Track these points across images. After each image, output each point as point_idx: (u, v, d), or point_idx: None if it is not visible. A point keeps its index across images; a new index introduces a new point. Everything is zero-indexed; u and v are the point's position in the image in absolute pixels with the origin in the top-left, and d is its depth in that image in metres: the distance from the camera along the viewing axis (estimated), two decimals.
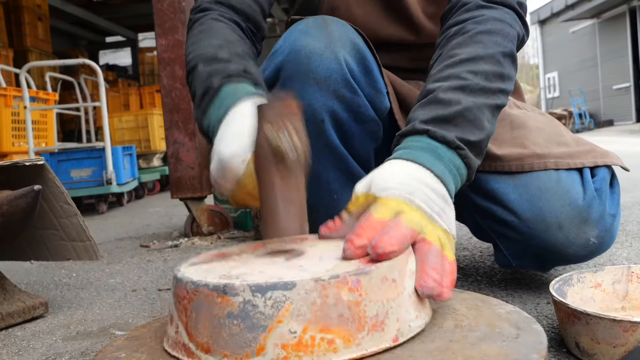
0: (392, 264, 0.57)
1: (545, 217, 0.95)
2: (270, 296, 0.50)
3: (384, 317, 0.54)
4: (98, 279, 1.58)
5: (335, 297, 0.51)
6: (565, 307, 0.75)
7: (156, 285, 1.43)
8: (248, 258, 0.65)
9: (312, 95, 0.88)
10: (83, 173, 3.69)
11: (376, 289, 0.53)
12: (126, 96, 6.19)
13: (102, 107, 3.57)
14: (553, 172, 0.96)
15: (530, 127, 1.02)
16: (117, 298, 1.34)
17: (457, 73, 0.78)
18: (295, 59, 0.88)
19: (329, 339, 0.50)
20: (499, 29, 0.85)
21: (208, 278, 0.55)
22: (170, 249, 2.02)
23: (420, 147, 0.71)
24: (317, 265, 0.57)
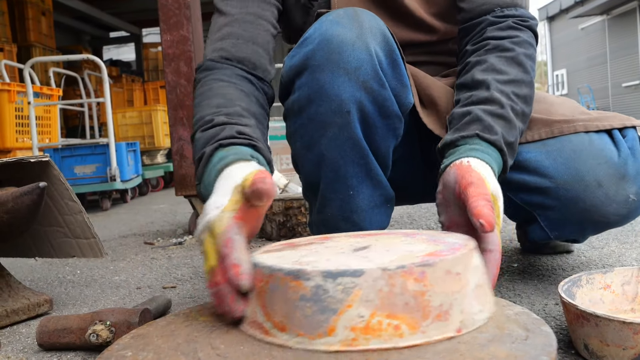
0: (457, 258, 0.59)
1: (583, 177, 0.96)
2: (340, 282, 0.54)
3: (448, 307, 0.57)
4: (102, 276, 1.58)
5: (401, 286, 0.55)
6: (574, 309, 0.75)
7: (161, 283, 1.44)
8: (317, 248, 0.69)
9: (341, 85, 0.87)
10: (87, 169, 3.70)
11: (440, 281, 0.57)
12: (130, 92, 6.21)
13: (105, 103, 3.58)
14: (584, 134, 0.97)
15: (552, 101, 1.05)
16: (121, 295, 1.34)
17: (507, 92, 0.92)
18: (326, 47, 0.87)
19: (395, 325, 0.54)
20: (532, 54, 0.98)
21: (282, 263, 0.60)
22: (174, 246, 2.03)
23: (483, 151, 0.86)
24: (383, 256, 0.60)
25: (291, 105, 0.94)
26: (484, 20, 1.01)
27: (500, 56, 0.96)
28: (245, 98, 0.95)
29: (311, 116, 0.91)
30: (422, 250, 0.63)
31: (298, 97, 0.91)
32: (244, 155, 0.80)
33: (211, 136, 0.85)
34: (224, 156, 0.81)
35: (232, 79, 0.97)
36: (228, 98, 0.93)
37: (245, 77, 0.99)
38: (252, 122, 0.90)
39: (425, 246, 0.65)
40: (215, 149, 0.83)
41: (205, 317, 0.77)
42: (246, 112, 0.92)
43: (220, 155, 0.81)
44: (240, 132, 0.85)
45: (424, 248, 0.64)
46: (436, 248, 0.63)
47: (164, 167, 5.03)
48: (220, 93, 0.94)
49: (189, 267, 1.61)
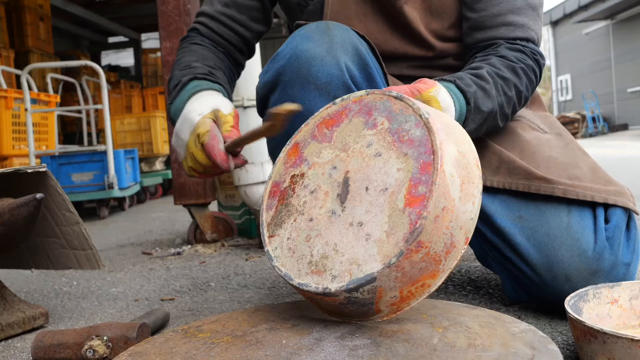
0: (437, 189, 0.65)
1: (552, 267, 0.95)
2: (362, 290, 0.66)
3: (450, 240, 0.66)
4: (99, 288, 1.58)
5: (409, 265, 0.65)
6: (581, 325, 0.74)
7: (159, 295, 1.43)
8: (308, 205, 0.77)
9: (312, 100, 0.89)
10: (84, 177, 3.70)
11: (433, 232, 0.64)
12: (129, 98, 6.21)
13: (104, 109, 3.59)
14: (564, 212, 0.96)
15: (542, 156, 1.03)
16: (118, 308, 1.34)
17: (496, 81, 0.98)
18: (296, 63, 0.90)
19: (421, 284, 0.67)
20: (531, 78, 1.03)
21: (302, 276, 0.72)
22: (172, 257, 2.03)
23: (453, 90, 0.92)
24: (374, 221, 0.68)
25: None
26: (497, 43, 1.05)
27: (502, 62, 1.00)
28: (218, 60, 1.12)
29: (287, 132, 0.92)
30: (400, 179, 0.68)
31: None
32: (214, 87, 1.00)
33: (188, 72, 1.04)
34: (198, 84, 1.00)
35: (209, 45, 1.15)
36: (204, 57, 1.10)
37: (218, 49, 1.16)
38: (221, 74, 1.08)
39: (396, 163, 0.69)
40: (190, 78, 1.02)
41: (205, 333, 0.76)
42: (218, 67, 1.10)
43: (195, 83, 1.01)
44: (212, 73, 1.05)
45: (398, 173, 0.68)
46: (408, 166, 0.68)
47: (162, 175, 5.03)
48: (199, 52, 1.11)
49: (188, 279, 1.61)
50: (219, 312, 1.22)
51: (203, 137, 0.89)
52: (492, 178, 1.02)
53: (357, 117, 0.75)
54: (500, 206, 1.02)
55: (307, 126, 0.81)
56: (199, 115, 0.92)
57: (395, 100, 0.73)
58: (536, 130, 1.09)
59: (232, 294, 1.38)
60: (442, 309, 0.78)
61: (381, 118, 0.73)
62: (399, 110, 0.72)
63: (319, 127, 0.79)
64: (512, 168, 1.01)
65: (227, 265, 1.76)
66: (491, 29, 1.04)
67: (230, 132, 0.90)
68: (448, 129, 0.69)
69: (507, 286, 1.06)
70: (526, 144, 1.05)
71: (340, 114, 0.77)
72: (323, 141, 0.77)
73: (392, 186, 0.68)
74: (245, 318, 0.81)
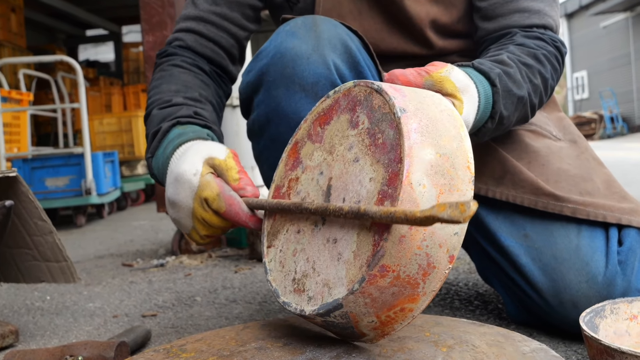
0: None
1: (559, 292, 0.95)
2: (333, 315, 0.65)
3: (426, 261, 0.62)
4: (75, 303, 1.57)
5: (377, 290, 0.62)
6: (598, 344, 0.74)
7: (140, 311, 1.43)
8: (296, 227, 0.75)
9: (298, 102, 0.89)
10: (59, 182, 3.69)
11: (399, 255, 0.60)
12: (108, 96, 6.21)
13: (81, 109, 3.58)
14: (573, 233, 0.96)
15: (552, 168, 1.02)
16: (96, 325, 1.33)
17: (520, 68, 0.93)
18: (280, 62, 0.89)
19: (400, 309, 0.64)
20: (555, 65, 0.99)
21: (287, 294, 0.72)
22: (155, 268, 2.02)
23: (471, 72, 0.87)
24: (345, 239, 0.66)
25: (252, 125, 0.98)
26: (512, 32, 1.02)
27: (522, 49, 0.97)
28: (203, 86, 1.03)
29: (272, 137, 0.93)
30: (371, 191, 0.64)
31: (257, 116, 0.95)
32: (202, 134, 0.89)
33: (169, 114, 0.93)
34: (182, 132, 0.89)
35: (192, 68, 1.05)
36: (187, 85, 1.01)
37: (203, 69, 1.07)
38: (209, 108, 0.99)
39: (370, 171, 0.65)
40: (172, 125, 0.91)
41: (189, 352, 0.76)
42: (204, 98, 1.00)
43: (178, 131, 0.89)
44: (198, 114, 0.94)
45: (370, 183, 0.65)
46: (378, 176, 0.64)
47: (145, 179, 5.02)
48: (180, 79, 1.02)
49: (172, 293, 1.60)
50: (204, 330, 1.22)
51: (214, 203, 0.81)
52: (494, 189, 1.02)
53: (344, 114, 0.72)
54: (505, 222, 1.02)
55: (305, 123, 0.79)
56: (194, 175, 0.81)
57: (376, 94, 0.68)
58: (547, 137, 1.09)
59: (219, 310, 1.38)
60: (446, 326, 0.78)
61: (363, 116, 0.69)
62: (378, 106, 0.67)
63: (314, 125, 0.77)
64: (518, 180, 1.01)
65: (214, 278, 1.76)
66: (503, 17, 1.03)
67: (240, 181, 0.82)
68: (430, 126, 0.63)
69: (511, 307, 1.06)
70: (535, 155, 1.04)
71: (331, 110, 0.75)
72: (315, 141, 0.76)
73: (363, 199, 0.65)
74: (233, 336, 0.80)
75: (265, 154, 0.98)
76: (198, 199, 0.81)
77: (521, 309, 1.04)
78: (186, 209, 0.83)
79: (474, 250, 1.11)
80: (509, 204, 1.03)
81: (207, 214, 0.82)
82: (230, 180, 0.82)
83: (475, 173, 1.05)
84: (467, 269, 1.61)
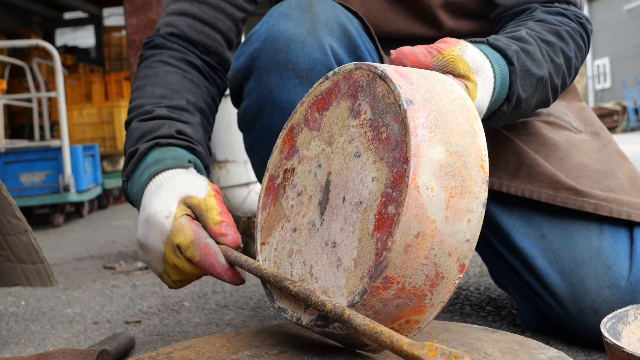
0: (407, 219, 0.60)
1: (578, 298, 0.95)
2: (334, 326, 0.65)
3: (434, 271, 0.61)
4: (52, 309, 1.57)
5: (380, 302, 0.62)
6: (620, 352, 0.74)
7: (123, 317, 1.43)
8: (293, 221, 0.75)
9: (292, 90, 0.89)
10: (35, 178, 3.69)
11: (404, 265, 0.60)
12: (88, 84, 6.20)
13: (58, 98, 3.57)
14: (594, 234, 0.96)
15: (572, 162, 1.02)
16: (75, 332, 1.33)
17: (540, 45, 0.92)
18: (272, 46, 0.89)
19: (405, 322, 0.64)
20: (579, 43, 0.98)
21: (282, 299, 0.72)
22: (139, 271, 2.02)
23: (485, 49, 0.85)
24: (346, 244, 0.65)
25: (243, 115, 0.98)
26: (531, 7, 1.01)
27: (542, 25, 0.96)
28: (193, 89, 1.01)
29: (265, 127, 0.93)
30: (373, 192, 0.63)
31: (248, 105, 0.95)
32: (182, 161, 0.88)
33: (148, 130, 0.92)
34: (160, 158, 0.88)
35: (181, 65, 1.03)
36: (173, 89, 0.99)
37: (195, 65, 1.04)
38: (196, 120, 0.97)
39: (372, 169, 0.64)
40: (151, 147, 0.89)
41: None
42: (192, 106, 0.98)
43: (157, 156, 0.88)
44: (180, 132, 0.92)
45: (373, 183, 0.64)
46: (382, 176, 0.63)
47: None
48: (166, 81, 1.00)
49: (157, 297, 1.61)
50: (193, 337, 1.22)
51: (187, 250, 0.79)
52: (509, 183, 1.02)
53: (344, 100, 0.70)
54: (520, 221, 1.02)
55: (302, 106, 0.77)
56: (166, 218, 0.80)
57: (379, 80, 0.65)
58: (567, 129, 1.09)
59: (209, 316, 1.38)
60: (456, 332, 0.78)
61: (365, 104, 0.67)
62: (382, 95, 0.65)
63: (312, 109, 0.76)
64: (535, 173, 1.01)
65: (203, 281, 1.76)
66: None
67: (221, 226, 0.80)
68: (439, 120, 0.62)
69: (525, 313, 1.07)
70: (553, 148, 1.04)
71: (330, 94, 0.73)
72: (313, 129, 0.75)
73: (365, 200, 0.64)
74: (225, 343, 0.80)
75: (257, 146, 0.97)
76: (170, 244, 0.80)
77: (537, 316, 1.04)
78: (156, 253, 0.82)
79: (486, 251, 1.11)
80: (524, 201, 1.03)
81: (180, 260, 0.81)
82: (210, 223, 0.80)
83: (489, 166, 1.05)
84: (479, 272, 1.61)
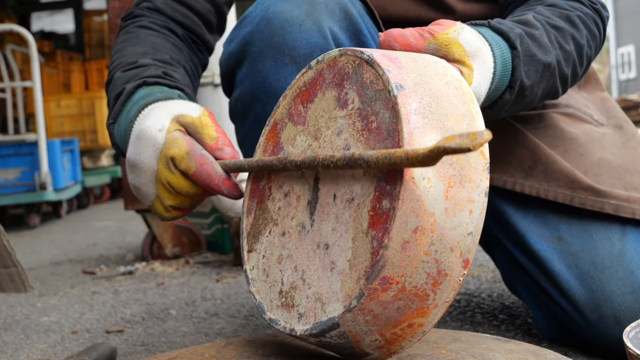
0: (402, 215, 0.59)
1: (599, 306, 0.95)
2: (329, 335, 0.65)
3: (436, 269, 0.62)
4: (27, 317, 1.58)
5: (379, 305, 0.62)
6: None
7: (104, 326, 1.43)
8: (280, 226, 0.75)
9: (288, 77, 0.89)
10: (9, 175, 3.69)
11: (403, 263, 0.60)
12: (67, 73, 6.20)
13: (34, 88, 3.57)
14: (616, 239, 0.96)
15: (592, 158, 1.02)
16: (51, 342, 1.33)
17: (548, 30, 0.92)
18: (267, 29, 0.89)
19: (407, 325, 0.64)
20: (592, 29, 0.98)
21: (274, 309, 0.73)
22: (122, 276, 2.03)
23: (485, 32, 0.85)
24: (339, 245, 0.65)
25: (235, 105, 0.98)
26: None
27: (552, 10, 0.95)
28: (175, 50, 1.02)
29: (258, 118, 0.93)
30: (366, 187, 0.63)
31: (240, 93, 0.95)
32: (172, 95, 0.87)
33: (134, 75, 0.92)
34: (148, 93, 0.87)
35: (162, 30, 1.04)
36: (155, 48, 0.99)
37: (176, 33, 1.06)
38: (181, 71, 0.98)
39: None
40: (138, 85, 0.90)
41: None
42: (175, 62, 0.99)
43: (144, 92, 0.88)
44: (167, 74, 0.93)
45: (365, 177, 0.64)
46: (374, 168, 0.62)
47: (110, 172, 5.02)
48: (148, 41, 1.01)
49: (141, 304, 1.61)
50: (180, 347, 1.22)
51: (182, 162, 0.79)
52: (522, 182, 1.03)
53: (330, 90, 0.70)
54: (535, 222, 1.02)
55: (285, 99, 0.77)
56: (159, 131, 0.80)
57: (366, 66, 0.65)
58: (587, 122, 1.09)
59: (198, 325, 1.38)
60: (466, 342, 0.78)
61: (352, 93, 0.67)
62: (369, 81, 0.65)
63: (295, 102, 0.76)
64: (551, 171, 1.01)
65: (192, 287, 1.76)
66: None
67: (217, 141, 0.81)
68: (433, 105, 0.62)
69: (541, 321, 1.07)
70: (572, 142, 1.04)
71: (315, 84, 0.73)
72: (298, 123, 0.75)
73: (358, 196, 0.64)
74: (214, 354, 0.81)
75: (250, 138, 0.97)
76: (163, 159, 0.80)
77: (554, 324, 1.05)
78: (149, 172, 0.82)
79: (499, 255, 1.12)
80: (539, 200, 1.03)
81: (174, 176, 0.81)
82: (206, 138, 0.81)
83: (501, 163, 1.05)
84: (491, 277, 1.61)
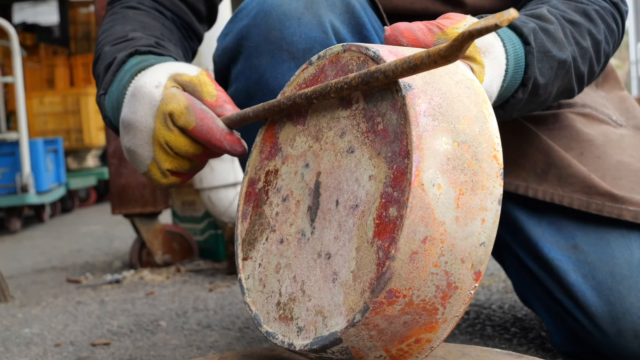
0: (409, 225, 0.59)
1: (617, 319, 0.95)
2: (330, 351, 0.65)
3: (446, 281, 0.61)
4: (7, 328, 1.57)
5: (384, 320, 0.62)
6: None
7: (89, 338, 1.43)
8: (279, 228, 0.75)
9: (286, 73, 0.89)
10: None
11: (411, 276, 0.60)
12: (51, 68, 6.20)
13: (16, 84, 3.57)
14: (635, 248, 0.96)
15: (610, 161, 1.02)
16: (33, 356, 1.33)
17: (563, 25, 0.92)
18: (264, 23, 0.89)
19: (414, 341, 0.64)
20: (610, 24, 0.97)
21: (270, 322, 0.72)
22: (109, 285, 2.03)
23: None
24: (342, 254, 0.65)
25: None
26: None
27: (567, 3, 0.95)
28: (165, 30, 1.03)
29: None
30: (371, 192, 0.63)
31: (236, 91, 0.94)
32: (167, 60, 0.88)
33: (125, 46, 0.93)
34: (142, 60, 0.88)
35: (151, 10, 1.05)
36: (145, 26, 1.00)
37: (164, 15, 1.07)
38: (172, 47, 0.98)
39: (369, 166, 0.64)
40: (130, 54, 0.91)
41: None
42: (166, 39, 1.00)
43: (136, 60, 0.89)
44: (160, 45, 0.94)
45: (370, 182, 0.63)
46: (380, 173, 0.63)
47: (96, 174, 5.02)
48: (137, 20, 1.02)
49: (129, 315, 1.61)
50: None
51: (181, 117, 0.79)
52: (536, 186, 1.03)
53: None
54: (549, 229, 1.02)
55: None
56: (156, 87, 0.81)
57: (372, 63, 0.65)
58: (605, 122, 1.09)
59: (189, 337, 1.38)
60: (475, 357, 0.78)
61: (356, 92, 0.66)
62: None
63: None
64: (567, 175, 1.01)
65: (183, 297, 1.76)
66: None
67: (217, 98, 0.81)
68: (444, 106, 0.61)
69: (556, 335, 1.07)
70: (588, 144, 1.04)
71: (316, 81, 0.72)
72: (297, 123, 0.74)
73: (362, 202, 0.63)
74: None
75: (246, 139, 0.97)
76: (161, 116, 0.80)
77: (569, 338, 1.04)
78: (145, 132, 0.81)
79: (511, 264, 1.11)
80: (554, 206, 1.03)
81: (172, 134, 0.80)
82: (205, 96, 0.81)
83: (513, 166, 1.05)
84: (502, 287, 1.61)
